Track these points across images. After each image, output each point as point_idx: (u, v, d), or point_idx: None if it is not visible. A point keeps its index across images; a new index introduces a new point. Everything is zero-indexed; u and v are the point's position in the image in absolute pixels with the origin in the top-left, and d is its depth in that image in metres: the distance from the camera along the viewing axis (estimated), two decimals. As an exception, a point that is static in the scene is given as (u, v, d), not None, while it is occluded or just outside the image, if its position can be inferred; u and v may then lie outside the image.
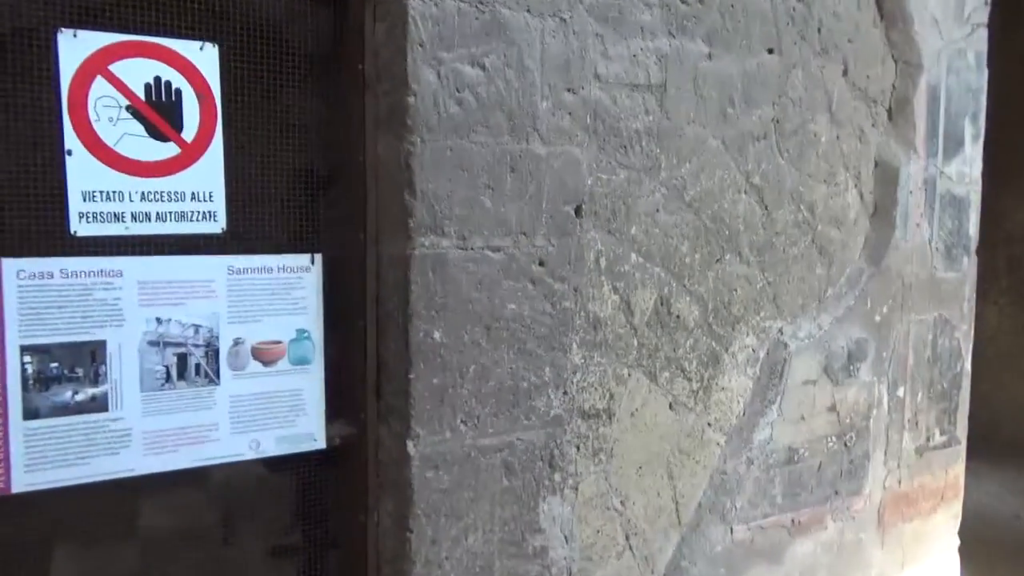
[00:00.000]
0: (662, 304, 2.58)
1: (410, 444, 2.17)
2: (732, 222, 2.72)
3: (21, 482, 1.84)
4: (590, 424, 2.48)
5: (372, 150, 2.22)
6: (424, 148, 2.10)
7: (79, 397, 1.90)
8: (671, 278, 2.59)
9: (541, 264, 2.32)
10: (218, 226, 2.04)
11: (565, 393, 2.40)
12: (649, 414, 2.60)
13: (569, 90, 2.32)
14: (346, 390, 2.31)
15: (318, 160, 2.22)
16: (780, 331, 2.89)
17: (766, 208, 2.80)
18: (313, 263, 2.19)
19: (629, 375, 2.54)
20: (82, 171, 1.87)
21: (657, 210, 2.53)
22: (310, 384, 2.21)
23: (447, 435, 2.21)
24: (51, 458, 1.87)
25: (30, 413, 1.85)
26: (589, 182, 2.39)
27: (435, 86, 2.10)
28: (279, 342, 2.15)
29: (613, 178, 2.43)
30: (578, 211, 2.38)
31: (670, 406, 2.65)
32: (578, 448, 2.46)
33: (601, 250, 2.43)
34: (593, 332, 2.45)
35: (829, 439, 3.08)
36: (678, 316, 2.62)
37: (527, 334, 2.31)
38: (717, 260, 2.70)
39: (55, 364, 1.87)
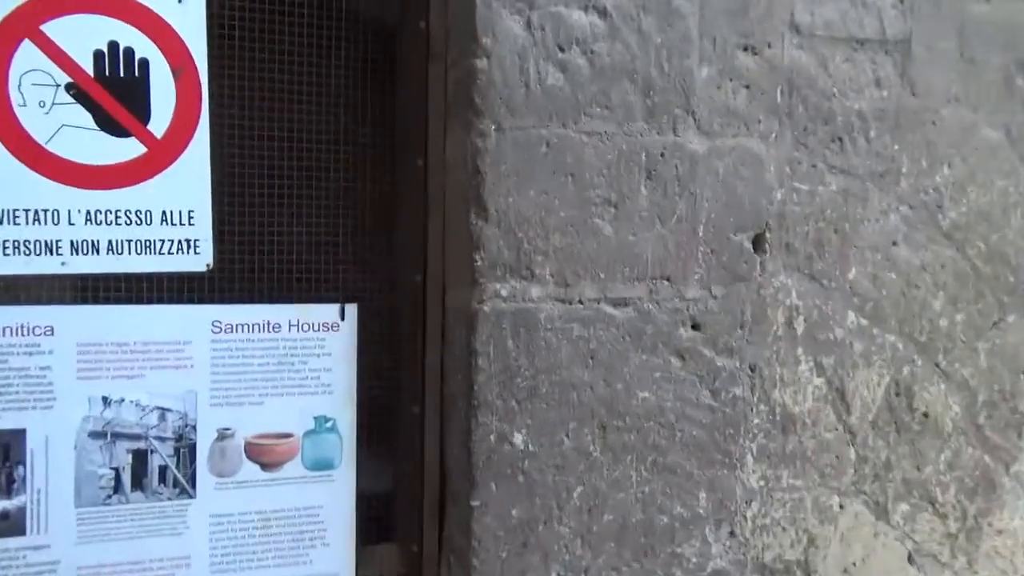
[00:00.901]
0: (899, 394, 1.60)
1: (473, 611, 1.36)
2: (1021, 262, 1.67)
3: None
4: (774, 585, 1.54)
5: (436, 150, 1.48)
6: (502, 141, 1.32)
7: (-18, 512, 1.28)
8: (915, 352, 1.60)
9: (695, 327, 1.44)
10: (200, 261, 1.38)
11: (732, 534, 1.49)
12: (876, 571, 1.60)
13: (747, 48, 1.45)
14: (390, 510, 1.55)
15: (354, 165, 1.50)
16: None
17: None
18: (343, 318, 1.46)
19: (842, 507, 1.57)
20: (-2, 180, 1.27)
21: (894, 242, 1.58)
22: (334, 499, 1.47)
23: (534, 598, 1.38)
24: (-67, 604, 1.26)
25: (-92, 535, 1.25)
26: (778, 196, 1.48)
27: (522, 42, 1.32)
28: (288, 436, 1.44)
29: (819, 190, 1.51)
30: (758, 243, 1.48)
31: (910, 558, 1.63)
32: (754, 624, 1.52)
33: (797, 306, 1.51)
34: (782, 437, 1.52)
35: None
36: (925, 414, 1.62)
37: (670, 439, 1.43)
38: (994, 324, 1.66)
39: (-52, 463, 1.27)
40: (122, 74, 1.33)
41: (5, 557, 1.29)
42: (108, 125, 1.33)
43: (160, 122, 1.35)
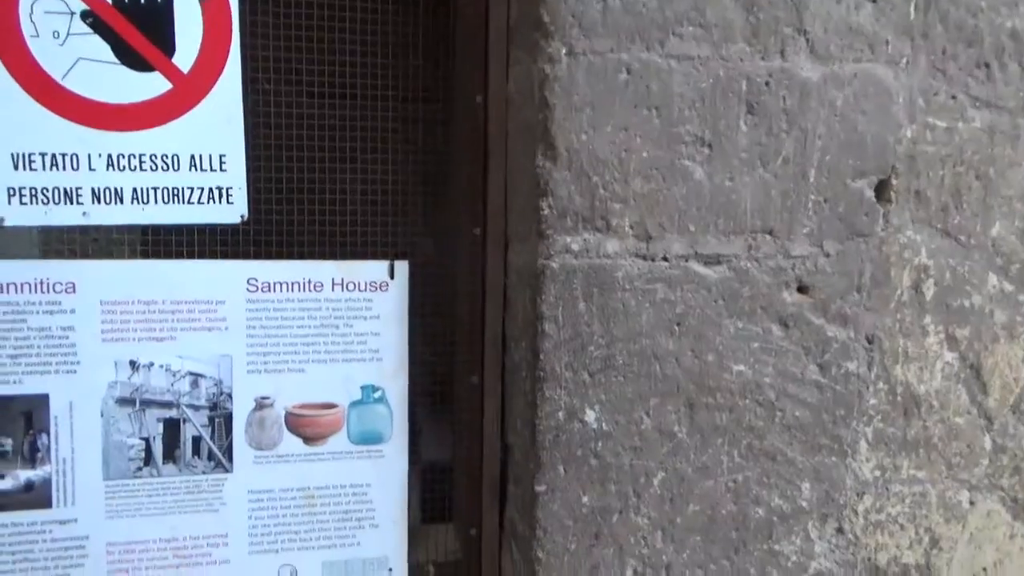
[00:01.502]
0: (1048, 372, 1.33)
1: (536, 610, 1.19)
2: None
3: (-84, 612, 1.17)
4: (888, 591, 1.32)
5: (497, 83, 1.28)
6: (574, 68, 1.11)
7: (5, 484, 1.19)
8: (1071, 322, 1.33)
9: (802, 290, 1.22)
10: (234, 212, 1.23)
11: (840, 531, 1.27)
12: (1009, 579, 1.36)
13: (874, -50, 1.18)
14: (445, 490, 1.40)
15: (404, 103, 1.32)
16: None
17: None
18: (393, 276, 1.29)
19: (972, 504, 1.33)
20: (12, 120, 1.14)
21: (1051, 189, 1.29)
22: (384, 477, 1.32)
23: (607, 597, 1.21)
24: (-42, 580, 1.18)
25: (-70, 506, 1.16)
26: (908, 134, 1.23)
27: (599, -54, 1.10)
28: (332, 406, 1.29)
29: (959, 127, 1.25)
30: (882, 190, 1.23)
31: (1052, 564, 1.38)
32: (862, 634, 1.31)
33: (926, 267, 1.26)
34: (903, 421, 1.28)
35: None
36: (1080, 395, 1.35)
37: (769, 420, 1.22)
38: None
39: (-32, 430, 1.17)
40: (143, 0, 1.18)
41: (31, 531, 1.19)
42: (129, 58, 1.18)
43: (186, 55, 1.19)
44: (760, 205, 1.19)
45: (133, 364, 1.21)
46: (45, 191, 1.17)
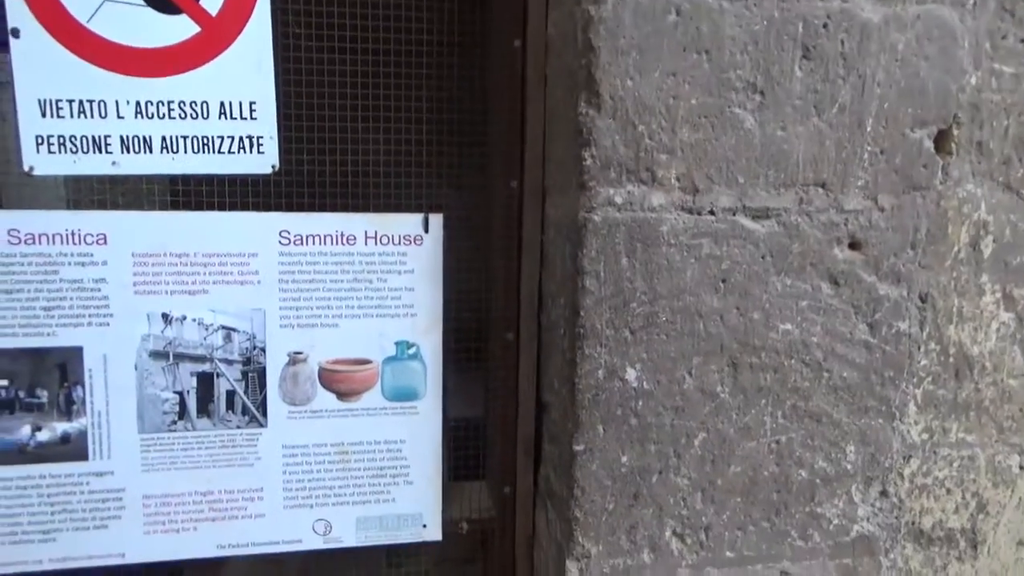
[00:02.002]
0: (1108, 333, 1.28)
1: (573, 568, 1.18)
2: None
3: (-42, 560, 1.18)
4: (931, 555, 1.29)
5: (537, 25, 1.22)
6: (620, 8, 1.05)
7: (43, 436, 1.18)
8: None
9: (854, 246, 1.16)
10: (265, 162, 1.19)
11: (884, 494, 1.24)
12: (1057, 545, 1.33)
13: None
14: (481, 446, 1.38)
15: (439, 49, 1.27)
16: None
17: None
18: (427, 230, 1.26)
19: (1022, 468, 1.29)
20: (38, 65, 1.11)
21: (1124, 140, 1.22)
22: (418, 433, 1.30)
23: (645, 557, 1.19)
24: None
25: (-32, 456, 1.17)
26: (972, 81, 1.16)
27: None
28: (366, 362, 1.27)
29: (1027, 72, 1.18)
30: (942, 141, 1.17)
31: (1102, 530, 1.35)
32: (903, 597, 1.29)
33: (986, 223, 1.20)
34: (954, 383, 1.24)
35: None
36: None
37: (815, 381, 1.18)
38: None
39: (3, 383, 1.16)
40: (169, -63, 1.13)
41: (68, 483, 1.20)
42: (157, 0, 1.13)
43: (215, -4, 1.15)
44: (813, 156, 1.13)
45: (166, 317, 1.20)
46: (73, 139, 1.14)
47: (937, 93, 1.15)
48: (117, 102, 1.14)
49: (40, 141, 1.13)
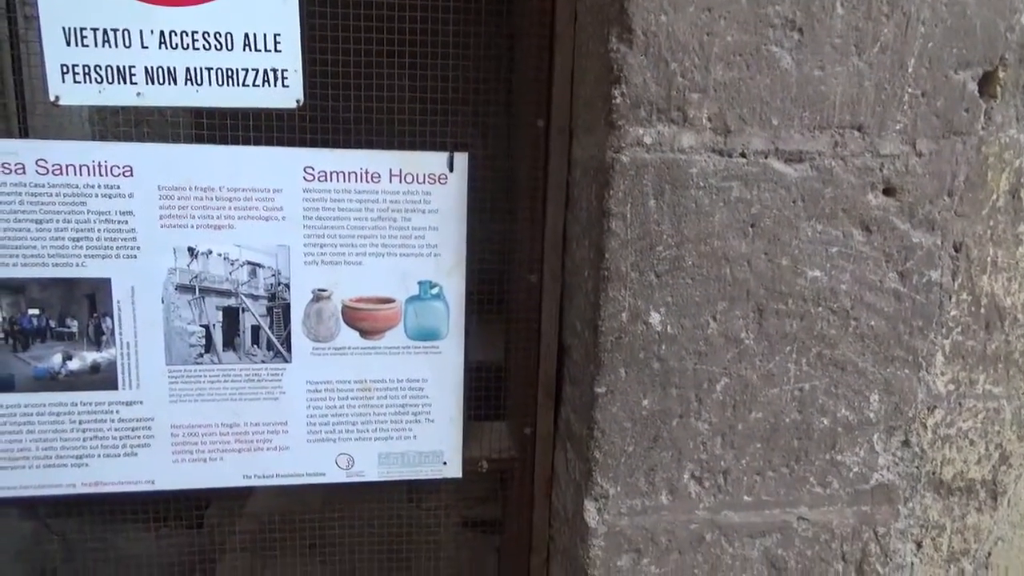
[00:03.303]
0: None
1: (591, 508, 1.19)
2: None
3: (-5, 482, 1.22)
4: (950, 505, 1.29)
5: (567, -40, 1.18)
6: (657, -63, 1.01)
7: (74, 364, 1.21)
8: None
9: (888, 192, 1.14)
10: (289, 96, 1.18)
11: (906, 444, 1.24)
12: (1079, 499, 1.32)
13: None
14: (502, 386, 1.39)
15: (467, -21, 1.23)
16: None
17: None
18: (452, 169, 1.24)
19: (1048, 422, 1.28)
20: (62, -7, 1.10)
21: None
22: (440, 373, 1.31)
23: (663, 499, 1.20)
24: (32, 453, 1.22)
25: (3, 383, 1.19)
26: (1023, 20, 1.11)
27: None
28: (389, 301, 1.27)
29: (1082, 11, 1.12)
30: (987, 83, 1.13)
31: None
32: (919, 546, 1.29)
33: (1028, 169, 1.16)
34: (984, 334, 1.22)
35: None
36: None
37: (842, 329, 1.17)
38: None
39: (35, 311, 1.18)
40: None
41: (99, 411, 1.22)
42: (179, -75, 1.11)
43: (238, -79, 1.12)
44: (851, 98, 1.09)
45: (192, 251, 1.20)
46: (98, 68, 1.13)
47: (984, 32, 1.10)
48: (141, 31, 1.13)
49: (65, 70, 1.12)
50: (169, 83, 1.15)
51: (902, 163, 1.13)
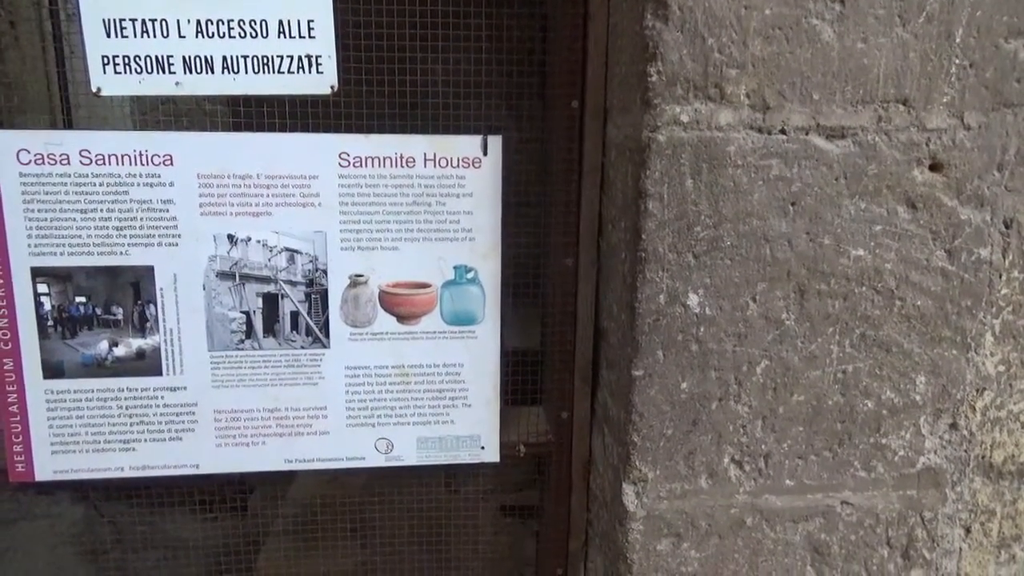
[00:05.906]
0: None
1: (629, 491, 1.19)
2: None
3: (48, 467, 1.25)
4: (1000, 490, 1.26)
5: (601, -63, 1.17)
6: (693, -90, 0.99)
7: (119, 351, 1.23)
8: None
9: (935, 168, 1.10)
10: (324, 82, 1.18)
11: (954, 427, 1.21)
12: None
13: None
14: (538, 371, 1.39)
15: (499, -39, 1.22)
16: None
17: None
18: (486, 152, 1.24)
19: (1105, 404, 1.24)
20: (101, -15, 1.12)
21: None
22: (477, 357, 1.32)
23: (702, 483, 1.19)
24: (82, 437, 1.25)
25: (52, 369, 1.23)
26: (1078, -15, 1.06)
27: None
28: (426, 286, 1.28)
29: None
30: (1040, 53, 1.08)
31: None
32: (968, 531, 1.26)
33: (1084, 141, 1.12)
34: (1036, 314, 1.18)
35: None
36: None
37: (887, 310, 1.14)
38: None
39: (82, 299, 1.21)
40: None
41: (144, 396, 1.25)
42: (213, -86, 1.12)
43: (271, -91, 1.13)
44: (895, 70, 1.06)
45: (231, 238, 1.22)
46: (138, 59, 1.15)
47: (1037, 0, 1.06)
48: (178, 21, 1.14)
49: (106, 61, 1.14)
50: (206, 72, 1.16)
51: (949, 137, 1.09)
